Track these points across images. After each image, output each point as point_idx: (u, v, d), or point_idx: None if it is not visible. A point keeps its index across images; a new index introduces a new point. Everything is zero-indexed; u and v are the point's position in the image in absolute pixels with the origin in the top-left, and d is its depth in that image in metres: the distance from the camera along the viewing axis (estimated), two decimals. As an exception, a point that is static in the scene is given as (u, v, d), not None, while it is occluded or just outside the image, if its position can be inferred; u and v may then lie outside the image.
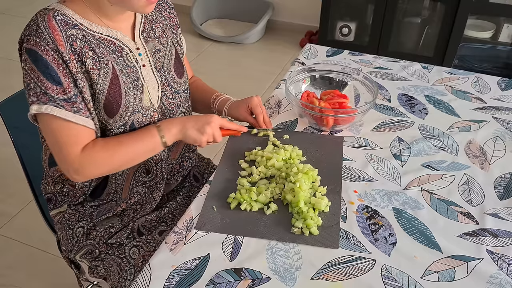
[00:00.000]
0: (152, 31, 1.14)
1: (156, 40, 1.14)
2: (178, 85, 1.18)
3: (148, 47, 1.11)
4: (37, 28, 0.94)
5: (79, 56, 0.97)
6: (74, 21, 0.99)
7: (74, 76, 0.97)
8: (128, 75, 1.06)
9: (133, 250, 1.14)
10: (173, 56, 1.18)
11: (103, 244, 1.16)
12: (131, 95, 1.06)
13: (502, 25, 2.88)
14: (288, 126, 1.31)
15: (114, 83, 1.03)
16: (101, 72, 1.01)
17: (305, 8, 3.59)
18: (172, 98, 1.17)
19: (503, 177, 1.15)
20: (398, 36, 3.11)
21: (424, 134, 1.29)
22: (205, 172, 1.36)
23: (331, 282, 0.89)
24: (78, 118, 0.99)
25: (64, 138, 0.99)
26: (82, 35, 0.99)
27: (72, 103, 0.97)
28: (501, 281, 0.90)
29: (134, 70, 1.07)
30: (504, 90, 1.49)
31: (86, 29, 1.00)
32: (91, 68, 0.99)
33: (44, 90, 0.95)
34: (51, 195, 1.21)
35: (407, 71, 1.58)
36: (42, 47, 0.93)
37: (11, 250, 1.97)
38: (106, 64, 1.02)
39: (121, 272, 1.11)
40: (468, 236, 0.99)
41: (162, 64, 1.14)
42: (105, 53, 1.02)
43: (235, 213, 1.03)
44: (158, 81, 1.13)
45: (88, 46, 0.99)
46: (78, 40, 0.98)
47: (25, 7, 4.37)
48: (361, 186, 1.11)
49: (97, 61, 1.00)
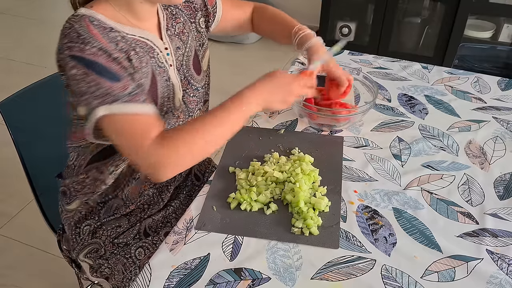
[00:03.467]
0: (173, 28, 1.13)
1: (177, 38, 1.13)
2: (197, 81, 1.18)
3: (172, 46, 1.11)
4: (78, 35, 0.90)
5: (126, 53, 0.97)
6: (109, 25, 0.97)
7: (129, 71, 0.95)
8: (161, 76, 1.06)
9: (139, 250, 1.14)
10: (192, 53, 1.17)
11: (110, 243, 1.16)
12: (165, 95, 1.07)
13: (502, 25, 2.88)
14: (288, 126, 1.31)
15: (153, 83, 1.04)
16: (143, 72, 1.01)
17: (305, 8, 3.59)
18: (192, 96, 1.18)
19: (503, 177, 1.15)
20: (398, 36, 3.11)
21: (424, 134, 1.29)
22: (206, 171, 1.36)
23: (331, 282, 0.89)
24: (147, 107, 0.94)
25: (139, 132, 0.92)
26: (121, 37, 0.98)
27: (136, 95, 0.93)
28: (501, 281, 0.90)
29: (165, 70, 1.08)
30: (504, 90, 1.49)
31: (122, 32, 0.99)
32: (137, 66, 0.99)
33: (105, 90, 0.90)
34: (66, 188, 1.18)
35: (407, 71, 1.58)
36: (89, 51, 0.90)
37: (11, 250, 1.97)
38: (146, 63, 1.02)
39: (125, 272, 1.11)
40: (468, 236, 1.00)
41: (181, 62, 1.14)
42: (143, 53, 1.02)
43: (235, 213, 1.03)
44: (178, 80, 1.13)
45: (129, 46, 0.99)
46: (119, 41, 0.97)
47: (25, 7, 4.38)
48: (361, 186, 1.12)
49: (138, 60, 1.00)
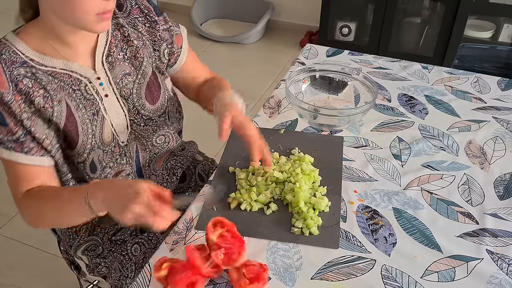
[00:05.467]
0: (122, 52, 1.04)
1: (126, 63, 1.05)
2: (150, 112, 1.10)
3: (113, 73, 1.03)
4: None
5: (26, 95, 0.92)
6: (23, 58, 0.93)
7: (18, 117, 0.92)
8: (86, 110, 1.01)
9: (135, 246, 1.14)
10: (146, 79, 1.08)
11: (107, 240, 1.16)
12: (89, 132, 1.02)
13: (502, 25, 2.88)
14: (288, 126, 1.31)
15: (70, 121, 0.98)
16: (55, 110, 0.96)
17: (305, 8, 3.58)
18: (144, 125, 1.11)
19: (503, 177, 1.15)
20: (398, 36, 3.10)
21: (424, 134, 1.29)
22: (209, 172, 1.36)
23: (331, 282, 0.89)
24: (30, 159, 0.95)
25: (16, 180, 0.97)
26: (32, 73, 0.94)
27: (22, 143, 0.94)
28: (501, 281, 0.90)
29: (94, 102, 1.01)
30: (504, 90, 1.49)
31: (37, 65, 0.94)
32: (42, 106, 0.94)
33: None
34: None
35: (407, 71, 1.58)
36: None
37: (11, 250, 1.97)
38: (59, 101, 0.97)
39: (122, 270, 1.11)
40: (468, 236, 1.00)
41: (130, 90, 1.06)
42: (58, 90, 0.96)
43: (235, 213, 1.03)
44: (125, 110, 1.06)
45: (38, 84, 0.94)
46: (26, 79, 0.93)
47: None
48: (361, 186, 1.11)
49: (49, 99, 0.95)
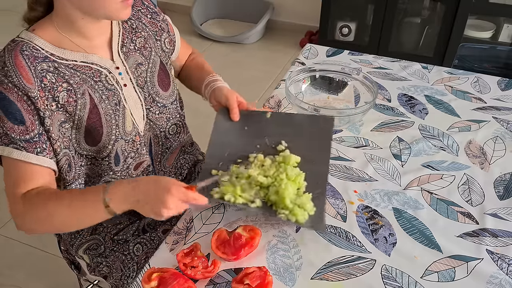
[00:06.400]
0: (133, 43, 1.07)
1: (137, 53, 1.08)
2: (164, 98, 1.13)
3: (128, 63, 1.06)
4: (3, 66, 0.90)
5: (50, 92, 0.93)
6: (44, 53, 0.94)
7: (41, 113, 0.92)
8: (109, 100, 1.02)
9: (137, 246, 1.14)
10: (157, 68, 1.12)
11: (110, 240, 1.16)
12: (112, 123, 1.03)
13: (502, 25, 2.88)
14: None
15: (93, 113, 0.99)
16: (78, 103, 0.97)
17: (305, 8, 3.58)
18: (159, 113, 1.13)
19: (503, 177, 1.15)
20: (398, 36, 3.10)
21: (424, 134, 1.29)
22: None
23: (331, 282, 0.89)
24: (41, 160, 0.93)
25: (18, 178, 0.93)
26: (54, 67, 0.94)
27: (35, 143, 0.92)
28: (501, 281, 0.90)
29: (115, 93, 1.03)
30: (504, 90, 1.49)
31: (58, 60, 0.95)
32: (66, 101, 0.95)
33: (5, 131, 0.90)
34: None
35: (407, 71, 1.58)
36: (5, 85, 0.89)
37: (11, 250, 1.97)
38: (83, 94, 0.97)
39: (124, 270, 1.12)
40: (468, 236, 1.00)
41: (145, 79, 1.09)
42: (81, 83, 0.97)
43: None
44: (142, 99, 1.08)
45: (61, 78, 0.94)
46: (49, 74, 0.93)
47: (25, 7, 4.37)
48: (361, 186, 1.11)
49: (72, 92, 0.96)
